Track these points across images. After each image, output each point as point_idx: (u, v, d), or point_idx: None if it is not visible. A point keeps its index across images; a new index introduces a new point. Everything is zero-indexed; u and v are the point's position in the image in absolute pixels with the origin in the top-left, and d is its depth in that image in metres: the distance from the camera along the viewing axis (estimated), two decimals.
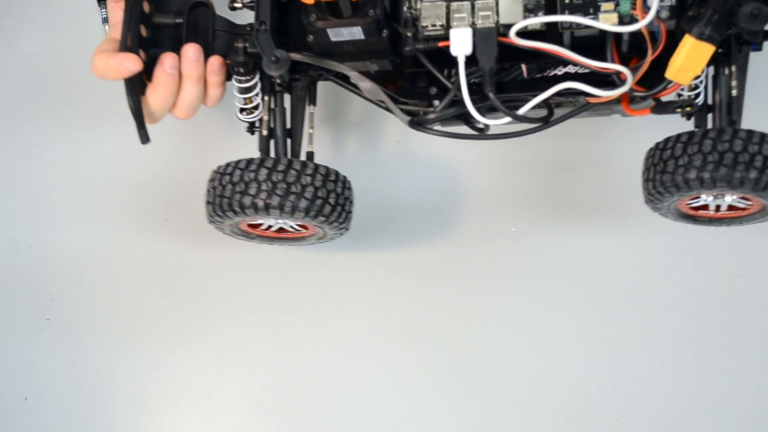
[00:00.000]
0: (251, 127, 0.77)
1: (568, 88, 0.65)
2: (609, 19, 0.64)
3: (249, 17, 0.74)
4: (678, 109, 0.70)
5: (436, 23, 0.66)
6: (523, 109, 0.66)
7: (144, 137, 0.71)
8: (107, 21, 0.74)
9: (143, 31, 0.71)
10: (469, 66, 0.66)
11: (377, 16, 0.66)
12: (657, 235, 0.78)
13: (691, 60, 0.62)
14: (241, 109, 0.76)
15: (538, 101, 0.66)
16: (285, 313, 0.87)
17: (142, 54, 0.70)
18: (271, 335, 0.86)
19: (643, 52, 0.67)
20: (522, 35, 0.64)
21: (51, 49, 0.97)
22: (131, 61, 0.68)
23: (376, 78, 0.72)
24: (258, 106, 0.75)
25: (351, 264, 0.87)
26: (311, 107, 0.78)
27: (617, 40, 0.67)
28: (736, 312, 0.82)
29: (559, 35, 0.66)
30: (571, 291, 0.84)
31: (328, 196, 0.72)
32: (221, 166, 0.73)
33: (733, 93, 0.69)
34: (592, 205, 0.85)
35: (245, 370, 0.86)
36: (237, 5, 0.74)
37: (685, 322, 0.82)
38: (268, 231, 0.80)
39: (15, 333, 0.89)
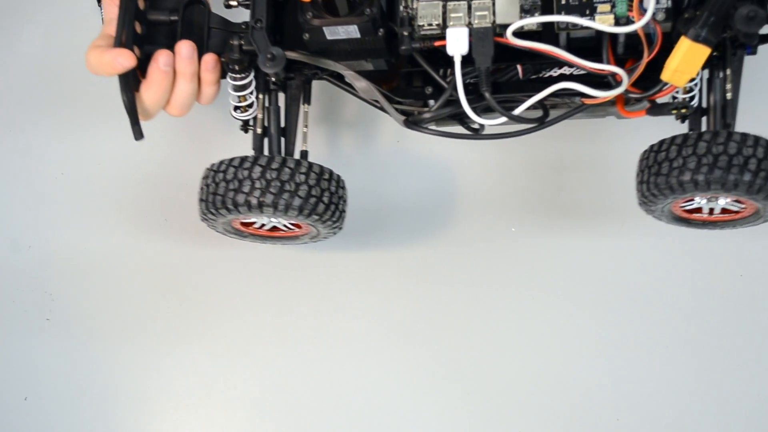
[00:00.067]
0: (245, 126, 0.77)
1: (564, 89, 0.66)
2: (605, 20, 0.64)
3: (244, 15, 0.74)
4: (673, 111, 0.70)
5: (433, 23, 0.66)
6: (519, 109, 0.66)
7: (138, 134, 0.71)
8: None
9: (138, 28, 0.70)
10: (464, 66, 0.66)
11: (373, 14, 0.65)
12: (657, 235, 0.78)
13: (686, 62, 0.62)
14: (236, 107, 0.76)
15: (534, 101, 0.66)
16: (285, 313, 0.87)
17: (137, 50, 0.70)
18: (271, 335, 0.86)
19: (638, 53, 0.67)
20: (518, 35, 0.64)
21: (51, 49, 0.96)
22: (125, 57, 0.68)
23: (371, 77, 0.72)
24: (252, 104, 0.75)
25: (351, 264, 0.87)
26: (305, 106, 0.78)
27: (613, 41, 0.67)
28: (736, 312, 0.82)
29: (555, 36, 0.66)
30: (571, 291, 0.84)
31: (321, 195, 0.72)
32: (215, 163, 0.73)
33: (728, 96, 0.69)
34: (592, 205, 0.85)
35: (245, 370, 0.86)
36: (232, 3, 0.74)
37: (685, 322, 0.83)
38: (261, 229, 0.80)
39: (15, 333, 0.89)
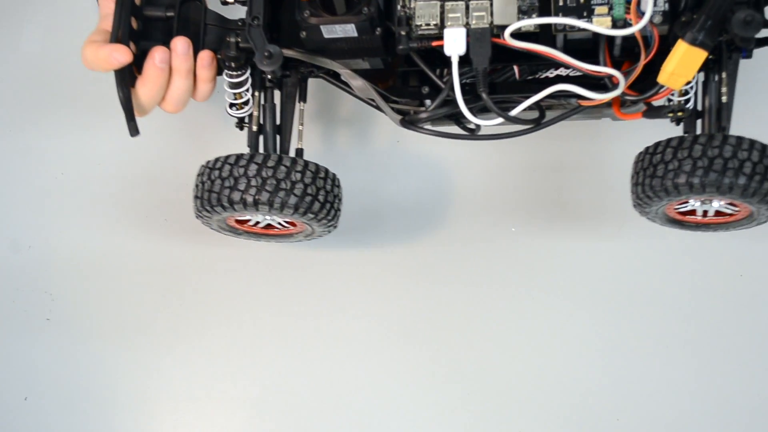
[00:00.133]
0: (240, 123, 0.77)
1: (561, 91, 0.66)
2: (602, 22, 0.64)
3: (240, 12, 0.74)
4: (669, 113, 0.71)
5: (430, 23, 0.66)
6: (516, 110, 0.66)
7: (133, 130, 0.71)
8: None
9: (134, 24, 0.70)
10: (461, 66, 0.66)
11: (371, 13, 0.65)
12: (657, 235, 0.78)
13: (683, 65, 0.62)
14: (231, 104, 0.75)
15: (531, 103, 0.66)
16: (285, 313, 0.86)
17: (133, 46, 0.70)
18: (271, 335, 0.86)
19: (634, 56, 0.67)
20: (515, 36, 0.64)
21: (51, 49, 0.96)
22: (121, 53, 0.68)
23: (367, 76, 0.72)
24: (248, 101, 0.75)
25: (351, 264, 0.87)
26: (301, 104, 0.78)
27: (610, 43, 0.67)
28: (736, 312, 0.82)
29: (553, 38, 0.66)
30: (571, 291, 0.84)
31: (317, 194, 0.72)
32: (210, 160, 0.73)
33: (723, 99, 0.69)
34: (592, 205, 0.85)
35: (245, 370, 0.86)
36: (229, 0, 0.73)
37: (685, 322, 0.83)
38: (256, 227, 0.80)
39: (15, 333, 0.89)
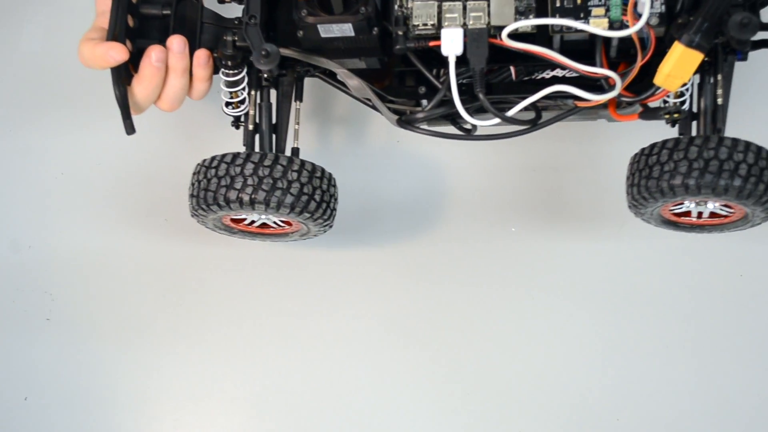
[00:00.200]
0: (236, 122, 0.77)
1: (558, 91, 0.66)
2: (599, 24, 0.64)
3: (237, 11, 0.74)
4: (666, 115, 0.71)
5: (428, 23, 0.66)
6: (513, 110, 0.67)
7: (129, 128, 0.71)
8: None
9: (130, 21, 0.70)
10: (458, 66, 0.66)
11: (368, 13, 0.65)
12: (656, 235, 0.78)
13: (679, 67, 0.62)
14: (227, 103, 0.75)
15: (528, 103, 0.66)
16: (285, 313, 0.86)
17: (129, 44, 0.70)
18: (271, 335, 0.86)
19: (630, 58, 0.68)
20: (512, 37, 0.64)
21: (51, 49, 0.96)
22: (117, 51, 0.68)
23: (363, 75, 0.72)
24: (244, 100, 0.75)
25: (351, 263, 0.87)
26: (297, 103, 0.78)
27: (606, 45, 0.67)
28: (736, 312, 0.83)
29: (549, 39, 0.66)
30: (571, 291, 0.84)
31: (313, 193, 0.72)
32: (206, 159, 0.72)
33: (719, 101, 0.70)
34: (592, 205, 0.86)
35: (245, 370, 0.85)
36: None
37: (685, 322, 0.83)
38: (251, 226, 0.80)
39: (15, 333, 0.88)
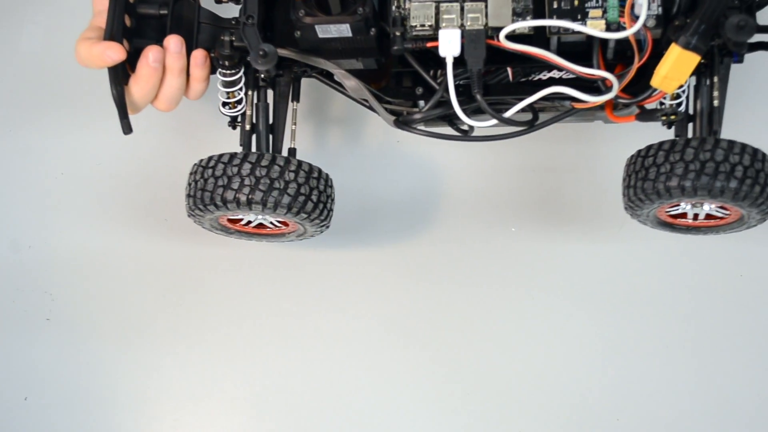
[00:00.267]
0: (233, 122, 0.77)
1: (556, 93, 0.66)
2: (596, 26, 0.64)
3: (234, 11, 0.74)
4: (663, 117, 0.71)
5: (425, 23, 0.66)
6: (510, 111, 0.67)
7: (126, 127, 0.71)
8: None
9: (127, 21, 0.70)
10: (455, 67, 0.66)
11: (366, 14, 0.65)
12: (656, 235, 0.78)
13: (676, 69, 0.62)
14: (224, 103, 0.75)
15: (525, 104, 0.66)
16: (285, 313, 0.86)
17: (126, 44, 0.69)
18: (271, 335, 0.86)
19: (627, 60, 0.68)
20: (510, 38, 0.64)
21: (51, 49, 0.96)
22: (114, 51, 0.68)
23: (360, 76, 0.72)
24: (241, 100, 0.75)
25: (351, 263, 0.87)
26: (294, 103, 0.78)
27: (603, 47, 0.67)
28: (736, 312, 0.83)
29: (546, 40, 0.66)
30: (571, 291, 0.84)
31: (310, 193, 0.72)
32: (203, 159, 0.72)
33: (715, 103, 0.70)
34: (592, 205, 0.86)
35: (245, 370, 0.85)
36: None
37: (684, 322, 0.83)
38: (248, 226, 0.80)
39: (15, 333, 0.88)
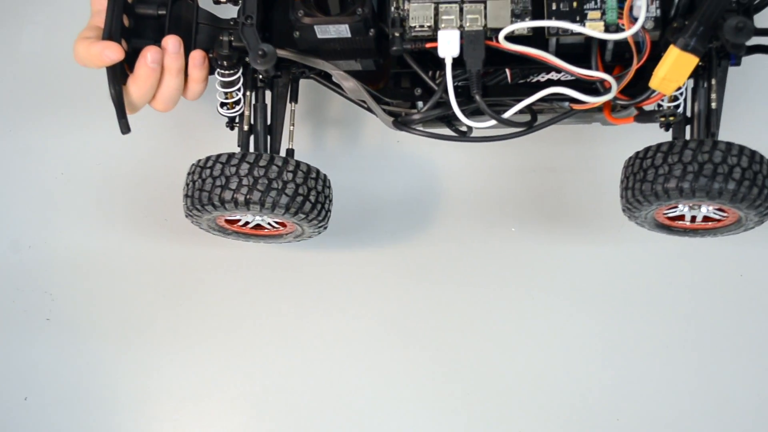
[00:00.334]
0: (231, 123, 0.77)
1: (555, 93, 0.66)
2: (595, 27, 0.65)
3: (232, 12, 0.74)
4: (661, 118, 0.71)
5: (424, 24, 0.66)
6: (509, 112, 0.67)
7: (124, 127, 0.70)
8: None
9: (126, 21, 0.70)
10: (454, 69, 0.66)
11: (365, 14, 0.65)
12: (656, 236, 0.78)
13: (675, 70, 0.62)
14: (222, 104, 0.75)
15: (525, 105, 0.66)
16: (285, 313, 0.86)
17: (124, 44, 0.69)
18: (271, 335, 0.86)
19: (625, 62, 0.68)
20: (509, 40, 0.65)
21: (51, 49, 0.96)
22: (113, 50, 0.68)
23: (359, 78, 0.72)
24: (239, 101, 0.75)
25: (351, 264, 0.87)
26: (292, 104, 0.78)
27: (601, 49, 0.68)
28: (736, 312, 0.83)
29: (545, 42, 0.67)
30: (571, 291, 0.85)
31: (308, 194, 0.71)
32: (201, 159, 0.72)
33: (713, 105, 0.70)
34: (592, 205, 0.86)
35: (245, 370, 0.85)
36: None
37: (685, 322, 0.83)
38: (245, 227, 0.79)
39: (15, 333, 0.88)
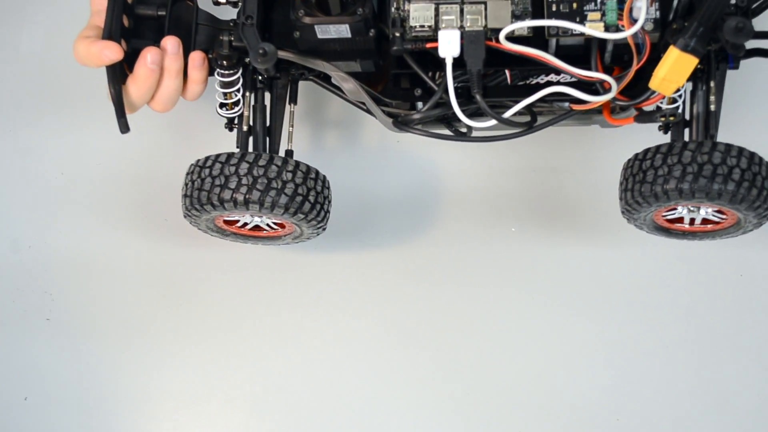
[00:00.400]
0: (230, 124, 0.77)
1: (555, 93, 0.66)
2: (595, 27, 0.65)
3: (231, 13, 0.74)
4: (662, 117, 0.71)
5: (425, 24, 0.66)
6: (510, 112, 0.67)
7: (123, 126, 0.70)
8: None
9: (125, 21, 0.70)
10: (454, 69, 0.66)
11: (365, 14, 0.66)
12: (657, 235, 0.79)
13: (675, 71, 0.63)
14: (221, 104, 0.75)
15: (526, 104, 0.67)
16: (285, 313, 0.87)
17: (124, 44, 0.69)
18: (271, 335, 0.86)
19: (624, 64, 0.68)
20: (509, 40, 0.65)
21: (51, 49, 0.96)
22: (112, 50, 0.68)
23: (358, 79, 0.72)
24: (238, 102, 0.75)
25: (352, 265, 0.87)
26: (291, 105, 0.78)
27: (600, 50, 0.68)
28: (736, 312, 0.83)
29: (545, 42, 0.67)
30: (571, 291, 0.85)
31: (307, 194, 0.71)
32: (200, 159, 0.72)
33: (711, 108, 0.70)
34: (592, 206, 0.86)
35: (245, 370, 0.85)
36: (221, 0, 0.73)
37: (685, 322, 0.83)
38: (244, 229, 0.79)
39: (15, 333, 0.88)
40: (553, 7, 0.65)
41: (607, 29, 0.65)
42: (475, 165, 0.88)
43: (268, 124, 0.76)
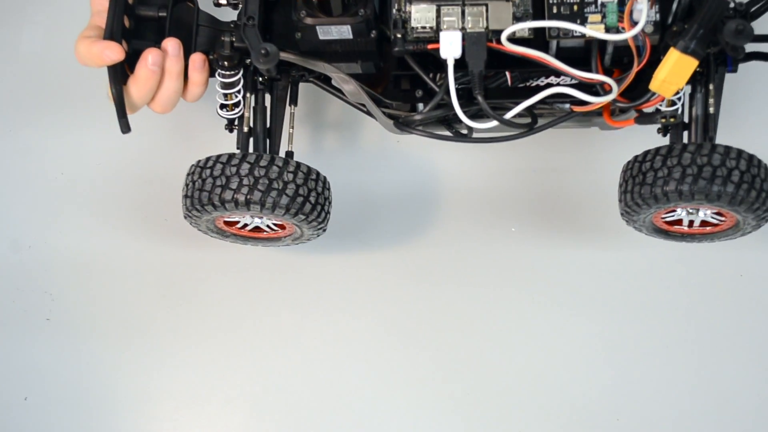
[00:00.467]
0: (230, 125, 0.77)
1: (556, 94, 0.66)
2: (596, 29, 0.65)
3: (232, 15, 0.74)
4: (662, 119, 0.72)
5: (426, 26, 0.66)
6: (511, 113, 0.67)
7: (124, 127, 0.70)
8: None
9: (126, 22, 0.70)
10: (455, 71, 0.66)
11: (367, 15, 0.66)
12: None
13: (675, 73, 0.63)
14: (222, 105, 0.75)
15: (527, 105, 0.67)
16: (285, 314, 0.87)
17: (125, 44, 0.70)
18: (271, 335, 0.86)
19: (624, 66, 0.69)
20: (510, 41, 0.65)
21: (51, 49, 0.96)
22: (113, 51, 0.68)
23: (359, 81, 0.72)
24: (239, 103, 0.75)
25: (353, 265, 0.87)
26: (292, 107, 0.78)
27: (600, 53, 0.68)
28: (736, 312, 0.83)
29: (546, 44, 0.67)
30: (572, 291, 0.85)
31: (308, 195, 0.72)
32: (201, 159, 0.72)
33: (710, 110, 0.71)
34: (593, 206, 0.86)
35: (245, 370, 0.85)
36: (222, 1, 0.73)
37: (685, 322, 0.84)
38: (244, 230, 0.79)
39: (15, 333, 0.88)
40: (554, 9, 0.66)
41: (607, 31, 0.65)
42: (475, 165, 0.89)
43: (268, 125, 0.77)
